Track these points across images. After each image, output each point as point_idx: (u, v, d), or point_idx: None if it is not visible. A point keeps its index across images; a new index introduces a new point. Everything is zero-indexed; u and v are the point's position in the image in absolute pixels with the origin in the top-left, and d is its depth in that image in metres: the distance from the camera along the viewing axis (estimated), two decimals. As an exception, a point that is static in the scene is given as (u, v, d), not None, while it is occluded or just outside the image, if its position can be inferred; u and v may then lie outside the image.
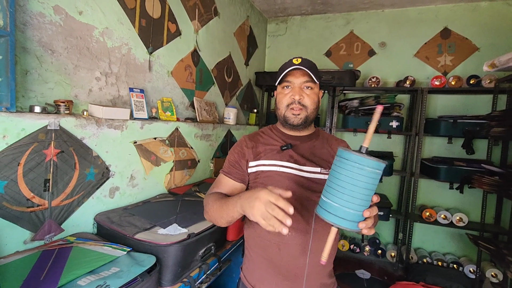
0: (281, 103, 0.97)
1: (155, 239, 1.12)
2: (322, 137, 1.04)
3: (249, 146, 0.99)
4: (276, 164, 0.93)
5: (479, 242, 1.95)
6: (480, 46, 2.59)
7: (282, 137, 1.00)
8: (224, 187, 0.97)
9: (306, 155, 0.96)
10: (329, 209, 0.65)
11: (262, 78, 2.90)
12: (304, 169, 0.93)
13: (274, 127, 1.06)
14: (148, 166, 1.59)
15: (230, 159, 1.00)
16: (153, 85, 1.71)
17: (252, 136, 1.04)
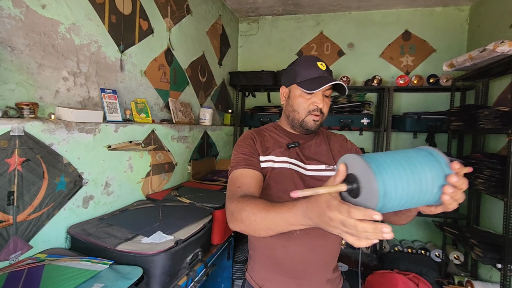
0: (301, 107, 0.92)
1: (140, 249, 1.05)
2: (322, 134, 1.05)
3: (257, 139, 0.95)
4: (286, 161, 0.92)
5: (444, 228, 2.12)
6: (437, 48, 2.81)
7: (287, 135, 0.99)
8: (250, 182, 0.83)
9: (311, 153, 0.97)
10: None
11: (236, 78, 2.88)
12: (309, 167, 0.94)
13: (276, 125, 1.05)
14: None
15: (243, 152, 0.91)
16: (126, 86, 1.61)
17: (257, 131, 1.00)
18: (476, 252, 1.70)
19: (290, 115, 0.96)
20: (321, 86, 0.85)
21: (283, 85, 1.00)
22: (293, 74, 0.93)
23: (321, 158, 0.96)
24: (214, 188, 1.88)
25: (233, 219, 0.74)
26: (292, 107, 0.95)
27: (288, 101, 0.97)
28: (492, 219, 2.21)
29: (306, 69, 0.91)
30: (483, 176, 1.70)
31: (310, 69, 0.91)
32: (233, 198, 0.78)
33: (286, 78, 0.97)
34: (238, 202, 0.74)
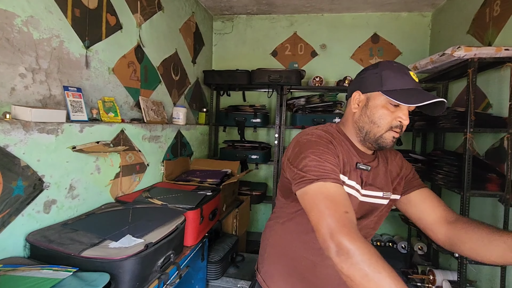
0: (383, 121, 0.77)
1: (107, 255, 1.01)
2: (381, 156, 0.92)
3: (338, 150, 0.80)
4: (351, 185, 0.80)
5: (409, 221, 2.25)
6: (403, 51, 2.97)
7: (355, 151, 0.85)
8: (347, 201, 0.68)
9: (371, 177, 0.86)
10: None
11: (210, 76, 2.84)
12: (364, 192, 0.83)
13: (342, 133, 0.88)
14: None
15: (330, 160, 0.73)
16: (92, 83, 1.53)
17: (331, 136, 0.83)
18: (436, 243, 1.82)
19: (364, 127, 0.81)
20: (424, 101, 0.70)
21: (357, 91, 0.83)
22: (376, 80, 0.78)
23: (378, 183, 0.86)
24: (187, 189, 1.85)
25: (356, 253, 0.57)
26: (371, 119, 0.79)
27: (364, 110, 0.81)
28: (452, 211, 2.38)
29: (397, 77, 0.76)
30: (442, 172, 1.83)
31: (402, 77, 0.76)
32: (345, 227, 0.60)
33: (364, 83, 0.81)
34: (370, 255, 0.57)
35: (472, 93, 1.63)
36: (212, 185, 1.99)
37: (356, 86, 0.84)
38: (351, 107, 0.85)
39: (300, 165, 0.73)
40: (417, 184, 0.92)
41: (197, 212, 1.51)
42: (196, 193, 1.76)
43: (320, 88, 2.87)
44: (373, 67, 0.82)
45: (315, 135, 0.80)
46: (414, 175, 0.94)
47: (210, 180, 2.07)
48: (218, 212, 1.85)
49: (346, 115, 0.89)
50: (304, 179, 0.71)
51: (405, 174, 0.93)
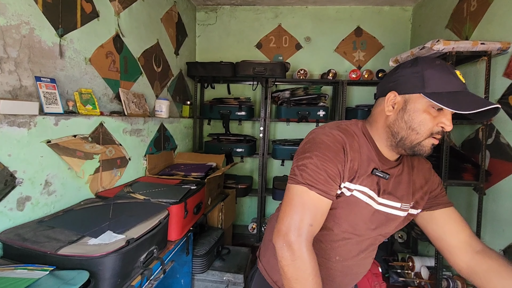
0: (424, 127, 0.70)
1: (86, 252, 0.98)
2: (407, 162, 0.84)
3: (349, 156, 0.73)
4: (363, 191, 0.75)
5: (390, 211, 2.32)
6: (385, 45, 3.01)
7: (376, 155, 0.78)
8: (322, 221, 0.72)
9: (392, 185, 0.79)
10: None
11: (194, 68, 2.78)
12: (381, 201, 0.78)
13: (367, 132, 0.80)
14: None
15: (331, 170, 0.71)
16: (67, 74, 1.46)
17: (350, 141, 0.75)
18: (416, 231, 1.89)
19: (400, 132, 0.73)
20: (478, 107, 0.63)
21: (393, 91, 0.73)
22: (417, 80, 0.69)
23: (398, 193, 0.80)
24: (171, 183, 1.82)
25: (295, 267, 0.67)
26: (409, 124, 0.71)
27: (401, 113, 0.72)
28: (430, 201, 2.48)
29: (442, 77, 0.68)
30: (422, 163, 1.88)
31: (449, 78, 0.68)
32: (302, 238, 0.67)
33: (403, 83, 0.72)
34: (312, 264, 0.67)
35: (450, 86, 1.68)
36: (196, 179, 1.97)
37: (391, 85, 0.74)
38: (384, 108, 0.75)
39: (300, 162, 0.74)
40: (444, 201, 0.85)
41: (181, 206, 1.49)
42: (180, 187, 1.73)
43: (305, 81, 2.88)
44: (412, 64, 0.72)
45: (331, 138, 0.74)
46: (442, 191, 0.87)
47: (194, 174, 2.05)
48: (203, 206, 1.84)
49: (376, 116, 0.79)
50: (296, 177, 0.72)
51: (430, 189, 0.85)
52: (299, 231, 0.68)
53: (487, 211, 1.81)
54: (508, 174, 1.66)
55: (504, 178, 1.69)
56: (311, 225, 0.69)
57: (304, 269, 0.66)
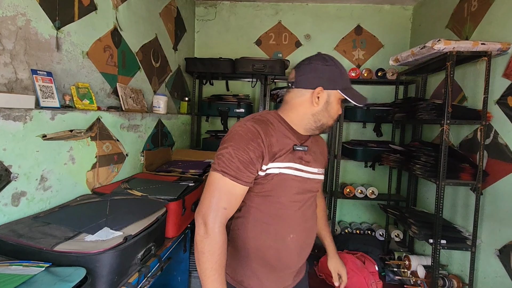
0: (336, 115, 0.93)
1: (83, 248, 0.96)
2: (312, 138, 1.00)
3: (265, 143, 0.83)
4: (290, 166, 0.87)
5: (387, 210, 2.33)
6: (384, 44, 3.01)
7: (294, 135, 0.91)
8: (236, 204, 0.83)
9: (310, 156, 0.94)
10: None
11: (192, 64, 2.76)
12: (310, 170, 0.92)
13: (280, 118, 0.92)
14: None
15: (242, 157, 0.80)
16: (64, 68, 1.43)
17: (264, 129, 0.85)
18: (413, 230, 1.90)
19: (322, 119, 0.90)
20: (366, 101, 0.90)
21: (320, 87, 0.86)
22: (336, 77, 0.87)
23: (316, 161, 0.96)
24: (169, 179, 1.80)
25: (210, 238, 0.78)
26: (330, 114, 0.90)
27: (325, 106, 0.88)
28: (426, 200, 2.49)
29: (345, 76, 0.90)
30: (420, 162, 1.89)
31: (347, 76, 0.92)
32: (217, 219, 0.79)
33: (327, 80, 0.86)
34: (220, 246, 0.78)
35: (450, 86, 1.68)
36: (194, 176, 1.95)
37: (318, 81, 0.87)
38: (309, 99, 0.88)
39: (218, 152, 0.84)
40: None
41: (179, 203, 1.48)
42: (178, 184, 1.71)
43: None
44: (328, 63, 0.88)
45: (244, 129, 0.84)
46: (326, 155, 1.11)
47: (192, 171, 2.03)
48: (200, 203, 1.82)
49: (295, 104, 0.91)
50: (214, 165, 0.83)
51: (326, 157, 1.08)
52: (214, 212, 0.79)
53: (483, 211, 1.82)
54: (506, 175, 1.67)
55: (501, 179, 1.70)
56: (225, 208, 0.80)
57: (213, 244, 0.77)
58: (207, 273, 0.78)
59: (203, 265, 0.78)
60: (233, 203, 0.82)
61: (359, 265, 2.16)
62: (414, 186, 2.60)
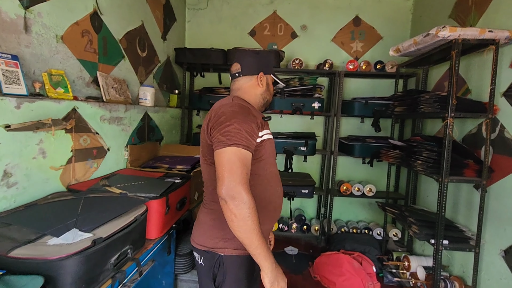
0: (272, 92, 1.19)
1: (44, 253, 0.84)
2: None
3: (255, 115, 1.02)
4: (269, 133, 1.07)
5: (386, 208, 2.22)
6: (384, 36, 2.89)
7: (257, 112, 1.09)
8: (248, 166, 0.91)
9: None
10: None
11: (182, 54, 2.62)
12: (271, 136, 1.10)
13: (245, 102, 1.08)
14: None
15: (247, 129, 0.93)
16: (34, 52, 1.29)
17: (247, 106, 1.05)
18: (413, 230, 1.80)
19: (267, 97, 1.15)
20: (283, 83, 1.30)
21: (262, 72, 1.10)
22: (268, 65, 1.14)
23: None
24: (154, 176, 1.68)
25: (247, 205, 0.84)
26: (270, 92, 1.16)
27: (267, 86, 1.13)
28: (426, 198, 2.39)
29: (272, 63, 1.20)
30: (422, 158, 1.78)
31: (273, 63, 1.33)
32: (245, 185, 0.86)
33: (265, 67, 1.11)
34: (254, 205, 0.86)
35: (455, 77, 1.57)
36: (182, 172, 1.83)
37: (260, 68, 1.10)
38: (256, 83, 1.10)
39: (222, 130, 0.91)
40: None
41: (162, 201, 1.35)
42: (162, 180, 1.59)
43: (300, 71, 2.75)
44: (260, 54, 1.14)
45: (238, 107, 0.99)
46: None
47: (180, 167, 1.91)
48: (187, 201, 1.70)
49: (247, 89, 1.10)
50: (223, 142, 0.89)
51: None
52: (242, 180, 0.86)
53: (487, 210, 1.72)
54: (513, 171, 1.57)
55: (508, 175, 1.60)
56: (247, 174, 0.89)
57: (252, 206, 0.85)
58: (255, 232, 0.85)
59: (252, 228, 0.85)
60: (249, 168, 0.91)
61: (356, 267, 2.06)
62: (414, 183, 2.50)
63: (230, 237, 0.97)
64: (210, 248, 1.02)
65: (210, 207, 1.05)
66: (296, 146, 2.59)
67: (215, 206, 1.01)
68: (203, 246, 1.04)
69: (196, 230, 1.10)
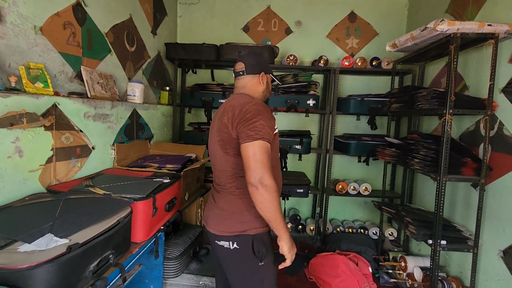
0: (270, 90, 1.31)
1: (11, 262, 0.76)
2: None
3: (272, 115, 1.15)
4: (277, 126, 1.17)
5: (382, 208, 2.18)
6: (379, 32, 2.84)
7: None
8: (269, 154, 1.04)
9: None
10: None
11: (173, 50, 2.54)
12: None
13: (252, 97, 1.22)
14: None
15: (270, 125, 1.06)
16: (9, 43, 1.21)
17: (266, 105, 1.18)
18: (410, 230, 1.75)
19: (267, 95, 1.28)
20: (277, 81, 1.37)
21: (263, 72, 1.22)
22: (267, 65, 1.27)
23: None
24: (142, 175, 1.60)
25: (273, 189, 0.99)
26: (269, 90, 1.29)
27: (267, 85, 1.26)
28: (423, 197, 2.35)
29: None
30: (419, 156, 1.74)
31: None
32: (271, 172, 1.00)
33: (265, 67, 1.24)
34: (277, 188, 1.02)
35: (453, 72, 1.52)
36: (171, 172, 1.75)
37: (261, 68, 1.23)
38: (258, 81, 1.22)
39: (251, 126, 1.03)
40: None
41: (148, 203, 1.28)
42: (151, 180, 1.51)
43: (294, 68, 2.69)
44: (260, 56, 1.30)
45: (261, 105, 1.10)
46: None
47: (169, 166, 1.83)
48: (177, 202, 1.63)
49: (251, 87, 1.22)
50: (253, 136, 1.01)
51: None
52: (268, 169, 1.00)
53: (486, 209, 1.68)
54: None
55: (506, 173, 1.56)
56: (270, 163, 1.02)
57: (275, 190, 1.00)
58: (279, 210, 1.02)
59: (277, 207, 1.01)
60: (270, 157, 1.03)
61: (352, 268, 2.01)
62: (410, 182, 2.46)
63: (256, 217, 1.10)
64: (241, 232, 1.11)
65: (236, 193, 1.13)
66: (290, 144, 2.53)
67: (241, 192, 1.12)
68: (233, 232, 1.11)
69: (219, 219, 1.14)
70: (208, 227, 1.17)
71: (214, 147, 1.15)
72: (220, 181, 1.17)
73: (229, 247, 1.12)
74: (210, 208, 1.19)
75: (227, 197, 1.14)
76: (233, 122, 1.06)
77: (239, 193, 1.12)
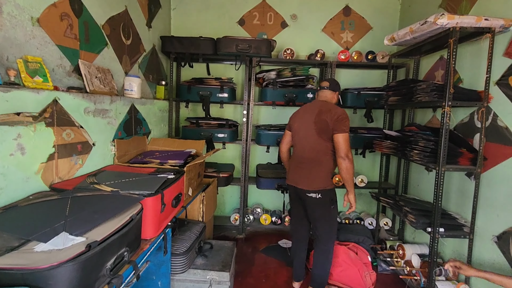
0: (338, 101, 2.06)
1: (31, 262, 0.74)
2: None
3: None
4: None
5: (380, 198, 2.24)
6: (373, 26, 2.88)
7: None
8: None
9: None
10: None
11: (169, 43, 2.48)
12: None
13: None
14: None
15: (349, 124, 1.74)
16: (6, 36, 1.15)
17: None
18: (409, 219, 1.81)
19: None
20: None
21: (338, 91, 1.93)
22: (339, 88, 1.95)
23: None
24: (145, 172, 1.58)
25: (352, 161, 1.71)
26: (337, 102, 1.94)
27: (338, 101, 1.96)
28: (417, 187, 2.43)
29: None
30: (418, 148, 1.79)
31: None
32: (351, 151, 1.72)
33: (338, 89, 1.93)
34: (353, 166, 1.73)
35: (452, 64, 1.56)
36: (174, 167, 1.73)
37: (336, 88, 1.91)
38: (335, 97, 1.91)
39: (346, 122, 1.72)
40: None
41: (157, 199, 1.27)
42: (155, 176, 1.49)
43: (291, 62, 2.69)
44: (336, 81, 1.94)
45: (345, 112, 1.76)
46: None
47: (172, 162, 1.81)
48: (182, 198, 1.62)
49: (331, 99, 1.89)
50: (346, 128, 1.70)
51: None
52: (350, 149, 1.70)
53: (480, 197, 1.76)
54: (506, 159, 1.60)
55: (500, 163, 1.64)
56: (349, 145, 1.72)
57: (353, 161, 1.71)
58: (353, 175, 1.73)
59: (352, 172, 1.71)
60: None
61: (353, 257, 2.07)
62: (405, 173, 2.53)
63: (330, 179, 1.80)
64: (324, 187, 1.76)
65: (322, 164, 1.77)
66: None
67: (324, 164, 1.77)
68: (320, 187, 1.76)
69: (313, 179, 1.77)
70: (299, 185, 1.80)
71: (309, 133, 1.77)
72: (310, 156, 1.78)
73: (315, 196, 1.75)
74: (299, 173, 1.81)
75: (315, 167, 1.76)
76: (331, 119, 1.69)
77: (324, 164, 1.76)
